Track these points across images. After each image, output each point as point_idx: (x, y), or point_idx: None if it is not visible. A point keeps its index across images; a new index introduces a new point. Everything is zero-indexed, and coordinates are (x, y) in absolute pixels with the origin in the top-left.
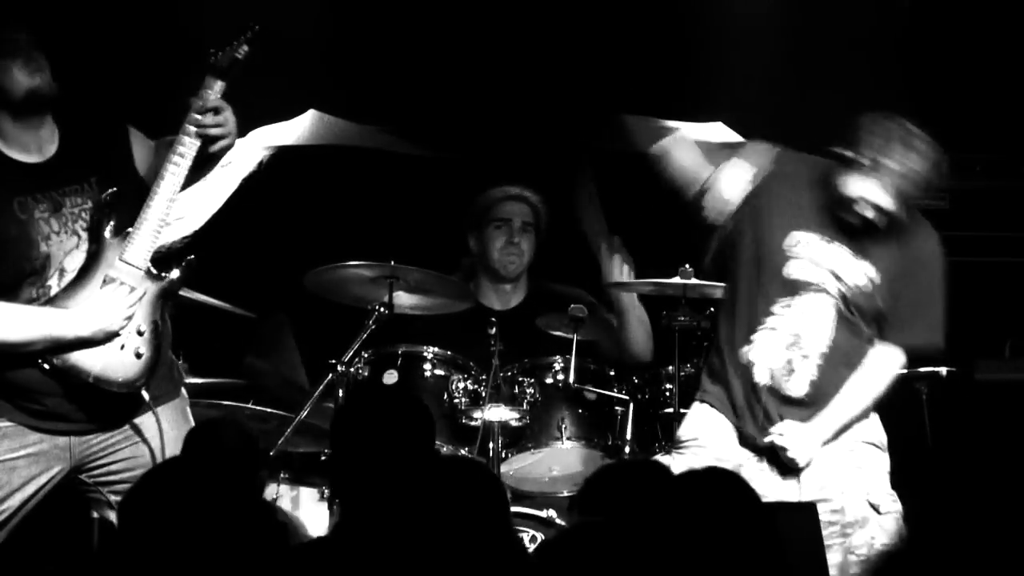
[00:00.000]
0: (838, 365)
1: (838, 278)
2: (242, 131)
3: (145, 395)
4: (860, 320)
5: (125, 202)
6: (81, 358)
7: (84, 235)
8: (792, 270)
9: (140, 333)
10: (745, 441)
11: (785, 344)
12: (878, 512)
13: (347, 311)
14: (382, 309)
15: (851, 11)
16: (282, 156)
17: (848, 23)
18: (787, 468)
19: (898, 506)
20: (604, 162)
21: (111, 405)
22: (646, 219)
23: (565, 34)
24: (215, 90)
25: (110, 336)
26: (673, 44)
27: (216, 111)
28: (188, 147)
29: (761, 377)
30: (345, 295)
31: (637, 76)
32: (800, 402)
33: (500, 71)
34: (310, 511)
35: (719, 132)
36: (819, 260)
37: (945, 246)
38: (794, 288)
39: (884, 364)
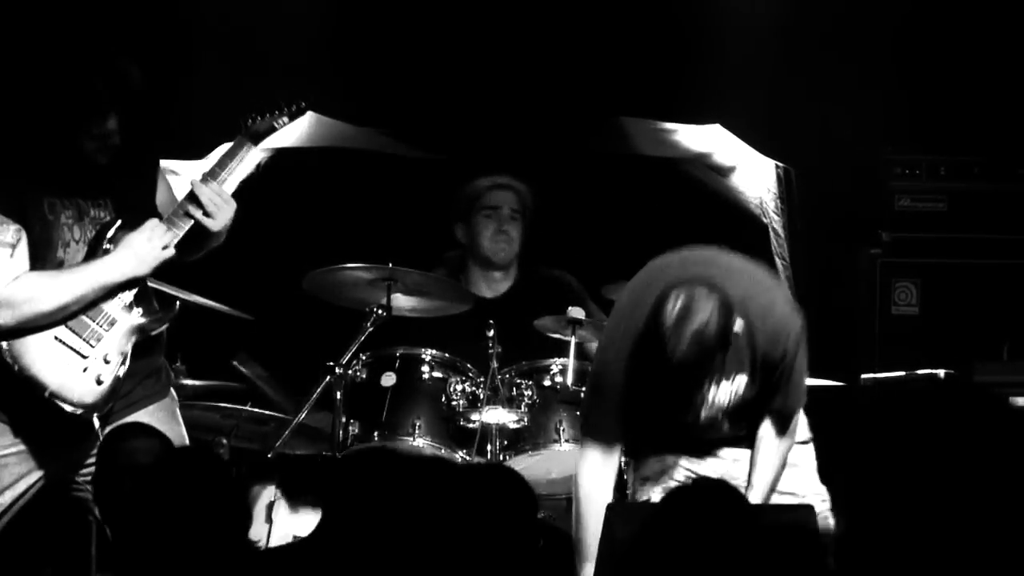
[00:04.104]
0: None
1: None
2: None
3: (96, 423)
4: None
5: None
6: (42, 371)
7: None
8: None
9: (107, 361)
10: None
11: None
12: None
13: (345, 313)
14: (380, 311)
15: (848, 13)
16: (280, 158)
17: (845, 25)
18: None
19: (828, 504)
20: (602, 164)
21: (64, 427)
22: (644, 221)
23: (563, 36)
24: (242, 156)
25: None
26: (672, 45)
27: (217, 195)
28: (183, 220)
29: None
30: (343, 297)
31: (635, 77)
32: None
33: (498, 73)
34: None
35: (717, 134)
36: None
37: (943, 248)
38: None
39: (778, 430)
